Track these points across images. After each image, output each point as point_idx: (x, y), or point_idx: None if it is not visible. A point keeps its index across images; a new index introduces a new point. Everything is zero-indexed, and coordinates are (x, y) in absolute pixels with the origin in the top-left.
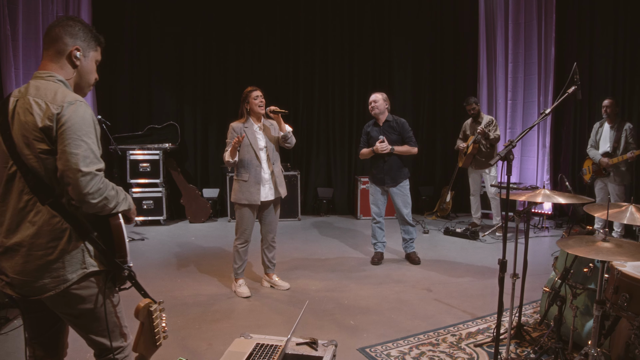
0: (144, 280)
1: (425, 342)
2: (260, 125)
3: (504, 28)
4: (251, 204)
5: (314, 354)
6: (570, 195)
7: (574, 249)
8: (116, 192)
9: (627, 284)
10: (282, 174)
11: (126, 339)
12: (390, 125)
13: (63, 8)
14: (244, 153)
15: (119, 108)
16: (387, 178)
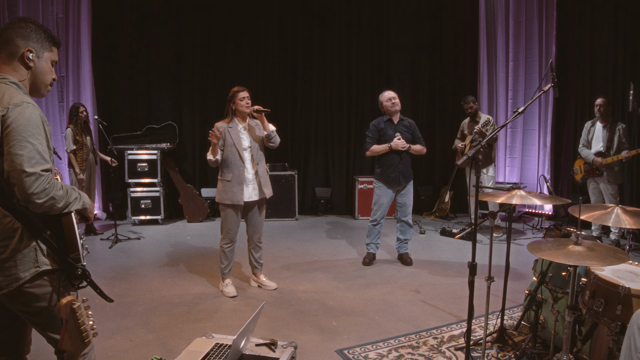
0: (135, 279)
1: (406, 345)
2: (245, 125)
3: (505, 26)
4: (234, 204)
5: (271, 355)
6: (547, 196)
7: (544, 253)
8: (66, 191)
9: (604, 289)
10: (266, 174)
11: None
12: (404, 124)
13: (63, 9)
14: (227, 153)
15: (119, 108)
16: (402, 177)
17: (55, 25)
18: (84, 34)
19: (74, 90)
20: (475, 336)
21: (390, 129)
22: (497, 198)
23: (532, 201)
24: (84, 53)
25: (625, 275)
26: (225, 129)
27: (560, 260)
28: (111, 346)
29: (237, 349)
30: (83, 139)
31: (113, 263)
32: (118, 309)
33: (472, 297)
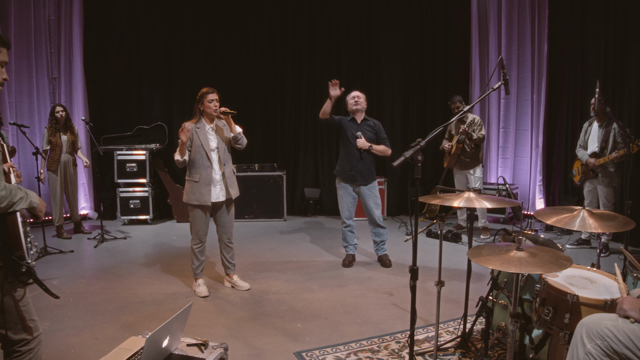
0: (112, 278)
1: (366, 349)
2: (213, 127)
3: (497, 25)
4: (202, 204)
5: (199, 355)
6: (497, 199)
7: (482, 259)
8: (9, 192)
9: (553, 296)
10: (233, 175)
11: (31, 333)
12: (368, 124)
13: (55, 11)
14: (194, 154)
15: (110, 109)
16: (359, 176)
17: (47, 27)
18: (75, 36)
19: (66, 91)
20: (440, 341)
21: (352, 128)
22: (446, 201)
23: (483, 204)
24: (76, 55)
25: (579, 281)
26: (193, 130)
27: (496, 267)
28: (76, 343)
29: (153, 347)
30: (57, 139)
31: (95, 262)
32: (90, 307)
33: (414, 302)
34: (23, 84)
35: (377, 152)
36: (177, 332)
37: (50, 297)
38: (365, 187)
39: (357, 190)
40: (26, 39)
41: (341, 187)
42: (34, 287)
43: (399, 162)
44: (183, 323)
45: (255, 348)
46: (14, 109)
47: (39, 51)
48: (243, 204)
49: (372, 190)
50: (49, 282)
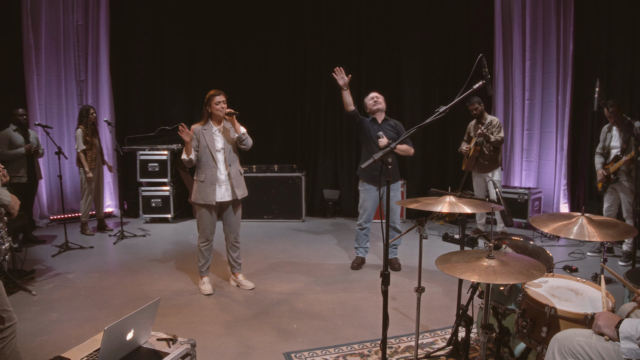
0: (124, 274)
1: (356, 353)
2: (220, 128)
3: (521, 24)
4: (207, 204)
5: (164, 350)
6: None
7: (448, 266)
8: None
9: (533, 308)
10: (240, 176)
11: (3, 322)
12: (389, 124)
13: (83, 17)
14: (201, 154)
15: (134, 110)
16: (383, 177)
17: (75, 32)
18: (102, 40)
19: (93, 93)
20: (434, 348)
21: (373, 128)
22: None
23: (462, 209)
24: (102, 58)
25: (563, 293)
26: (199, 131)
27: (465, 277)
28: (77, 334)
29: (112, 339)
30: (92, 140)
31: (111, 258)
32: (97, 301)
33: (387, 306)
34: (52, 86)
35: (400, 151)
36: (145, 326)
37: (64, 290)
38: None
39: (379, 192)
40: (55, 43)
41: (364, 189)
42: (51, 281)
43: (367, 163)
44: (151, 317)
45: (246, 347)
46: (43, 110)
47: (67, 55)
48: (262, 205)
49: (395, 192)
50: (65, 275)
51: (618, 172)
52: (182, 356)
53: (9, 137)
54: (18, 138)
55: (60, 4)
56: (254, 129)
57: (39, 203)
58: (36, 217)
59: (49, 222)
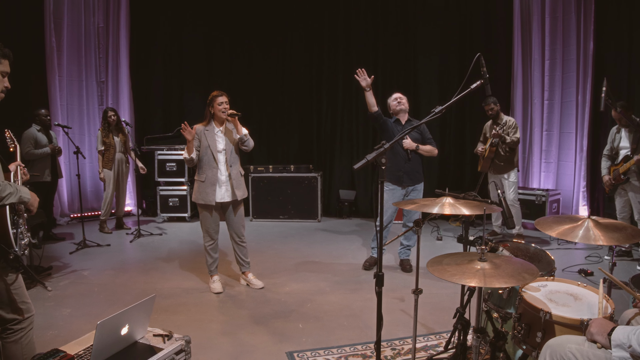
0: (138, 271)
1: (358, 354)
2: (222, 129)
3: (540, 22)
4: (207, 204)
5: (159, 345)
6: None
7: (439, 269)
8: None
9: (529, 312)
10: (240, 177)
11: (22, 314)
12: (413, 125)
13: (104, 19)
14: (202, 154)
15: (153, 111)
16: (406, 177)
17: (96, 34)
18: (122, 41)
19: (113, 94)
20: (437, 350)
21: (397, 129)
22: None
23: (460, 210)
24: (122, 59)
25: (561, 298)
26: (201, 132)
27: (455, 280)
28: (88, 329)
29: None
30: (110, 140)
31: (126, 256)
32: (110, 297)
33: (380, 308)
34: (74, 87)
35: (424, 152)
36: (141, 322)
37: (78, 286)
38: (411, 188)
39: (403, 192)
40: (77, 45)
41: (388, 189)
42: (67, 277)
43: (360, 164)
44: (147, 313)
45: (250, 345)
46: (65, 110)
47: (88, 56)
48: (278, 205)
49: (417, 193)
50: (81, 272)
51: (628, 172)
52: (176, 352)
53: (34, 137)
54: (42, 138)
55: (82, 6)
56: (270, 130)
57: (59, 201)
58: (57, 215)
59: (69, 220)
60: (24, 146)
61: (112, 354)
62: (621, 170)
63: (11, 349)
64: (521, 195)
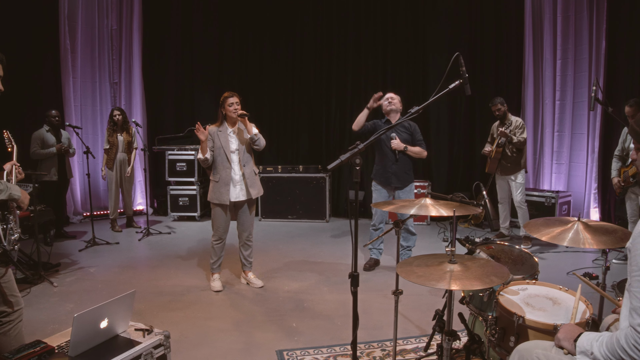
0: (142, 268)
1: (348, 354)
2: (235, 129)
3: (552, 21)
4: (221, 203)
5: (138, 339)
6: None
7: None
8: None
9: (504, 316)
10: (254, 175)
11: (12, 307)
12: (403, 125)
13: (117, 21)
14: (216, 155)
15: (165, 111)
16: (394, 178)
17: (109, 36)
18: (135, 43)
19: (126, 95)
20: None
21: (384, 127)
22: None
23: (439, 211)
24: (135, 61)
25: (539, 302)
26: (215, 132)
27: (416, 281)
28: None
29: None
30: (114, 140)
31: (133, 254)
32: (112, 294)
33: (356, 307)
34: (87, 88)
35: (412, 153)
36: (122, 316)
37: (84, 283)
38: (400, 191)
39: (392, 193)
40: (90, 47)
41: (376, 190)
42: (73, 274)
43: (334, 165)
44: (127, 308)
45: (243, 342)
46: (79, 111)
47: (101, 58)
48: (286, 205)
49: (408, 194)
50: (88, 269)
51: (637, 175)
52: (154, 346)
53: (41, 137)
54: (50, 138)
55: (96, 9)
56: (280, 130)
57: (72, 200)
58: (70, 213)
59: (82, 218)
60: (31, 146)
61: (92, 346)
62: (630, 173)
63: (0, 341)
64: (530, 196)
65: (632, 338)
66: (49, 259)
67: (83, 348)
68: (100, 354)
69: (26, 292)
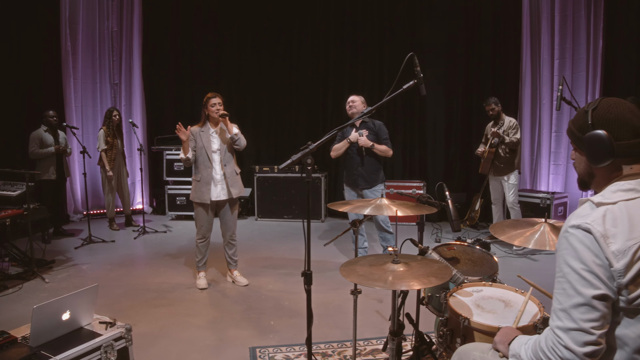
0: (134, 266)
1: (319, 352)
2: (217, 130)
3: (550, 21)
4: (202, 202)
5: (100, 331)
6: (413, 205)
7: (349, 270)
8: None
9: (452, 318)
10: (235, 175)
11: None
12: (367, 126)
13: (117, 23)
14: (198, 155)
15: (165, 111)
16: (361, 180)
17: (110, 38)
18: (135, 45)
19: (126, 95)
20: None
21: (351, 131)
22: (357, 208)
23: (392, 212)
24: (135, 62)
25: (490, 303)
26: (197, 132)
27: (355, 280)
28: None
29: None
30: (114, 141)
31: (127, 252)
32: (101, 291)
33: (310, 304)
34: (88, 89)
35: (378, 151)
36: (85, 309)
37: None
38: (368, 191)
39: (361, 194)
40: (91, 49)
41: (346, 190)
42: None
43: (285, 164)
44: (90, 301)
45: (219, 339)
46: (79, 112)
47: (102, 59)
48: (282, 204)
49: (376, 194)
50: (80, 266)
51: None
52: (114, 338)
53: (40, 137)
54: (48, 138)
55: (97, 11)
56: (278, 130)
57: (73, 199)
58: (70, 212)
59: (82, 217)
60: (29, 146)
61: (55, 337)
62: None
63: None
64: (526, 197)
65: (550, 341)
66: (43, 255)
67: (45, 339)
68: (61, 344)
69: (18, 287)
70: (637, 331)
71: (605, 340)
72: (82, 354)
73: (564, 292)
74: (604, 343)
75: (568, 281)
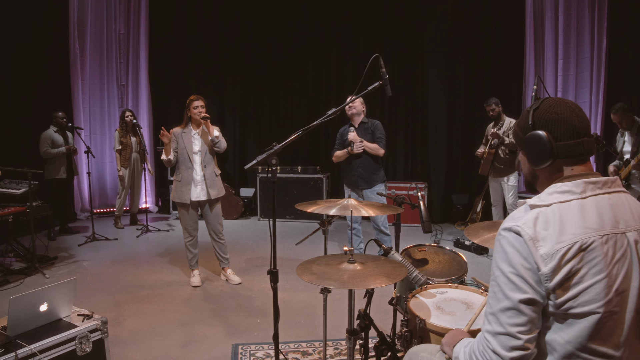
0: (133, 264)
1: (300, 350)
2: (199, 131)
3: (554, 20)
4: (182, 202)
5: (76, 323)
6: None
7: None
8: None
9: (412, 319)
10: (214, 176)
11: None
12: (365, 128)
13: (125, 26)
14: (179, 155)
15: (171, 112)
16: (361, 180)
17: (117, 40)
18: (142, 47)
19: (133, 96)
20: None
21: (349, 132)
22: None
23: (362, 212)
24: (142, 64)
25: (451, 305)
26: (179, 134)
27: (308, 279)
28: None
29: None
30: (127, 141)
31: (127, 250)
32: (98, 286)
33: (277, 301)
34: (95, 90)
35: (368, 149)
36: (63, 301)
37: (74, 275)
38: (368, 191)
39: (361, 194)
40: (99, 51)
41: (346, 191)
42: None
43: (250, 165)
44: (67, 294)
45: (202, 335)
46: (87, 113)
47: (109, 61)
48: (284, 205)
49: (374, 195)
50: (81, 263)
51: (630, 178)
52: (89, 330)
53: (51, 138)
54: (58, 138)
55: (104, 14)
56: (280, 131)
57: (80, 197)
58: (77, 210)
59: (89, 215)
60: (41, 146)
61: (33, 327)
62: (622, 176)
63: None
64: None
65: (481, 345)
66: (46, 252)
67: (23, 329)
68: (38, 334)
69: (20, 282)
70: (565, 336)
71: (535, 345)
72: (57, 343)
73: (494, 295)
74: (532, 348)
75: (498, 284)
